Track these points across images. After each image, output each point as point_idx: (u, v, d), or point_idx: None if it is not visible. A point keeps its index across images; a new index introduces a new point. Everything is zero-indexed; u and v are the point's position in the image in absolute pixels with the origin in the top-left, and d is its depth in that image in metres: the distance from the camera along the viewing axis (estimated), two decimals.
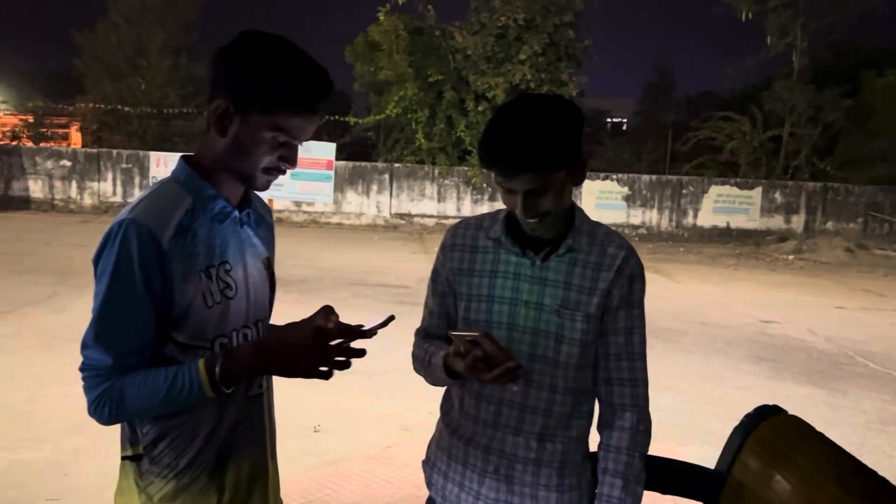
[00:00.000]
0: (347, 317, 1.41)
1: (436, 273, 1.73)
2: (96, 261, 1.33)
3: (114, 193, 19.94)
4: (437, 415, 1.71)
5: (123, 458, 1.43)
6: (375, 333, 1.33)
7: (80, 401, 4.94)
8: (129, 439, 1.41)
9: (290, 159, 1.41)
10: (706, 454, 2.37)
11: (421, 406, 4.89)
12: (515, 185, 1.47)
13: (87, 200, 19.83)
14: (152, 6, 22.55)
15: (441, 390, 1.78)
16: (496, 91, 19.12)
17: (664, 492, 1.94)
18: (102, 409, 1.31)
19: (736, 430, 1.89)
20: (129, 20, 22.57)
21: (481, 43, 19.40)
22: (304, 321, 1.41)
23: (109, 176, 19.97)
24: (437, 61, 19.82)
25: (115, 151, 20.19)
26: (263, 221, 1.58)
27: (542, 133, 1.42)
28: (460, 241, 1.68)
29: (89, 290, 1.27)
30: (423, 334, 1.76)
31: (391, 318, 1.34)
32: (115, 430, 1.28)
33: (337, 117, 20.97)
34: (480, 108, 19.42)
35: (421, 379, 1.70)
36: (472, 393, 1.63)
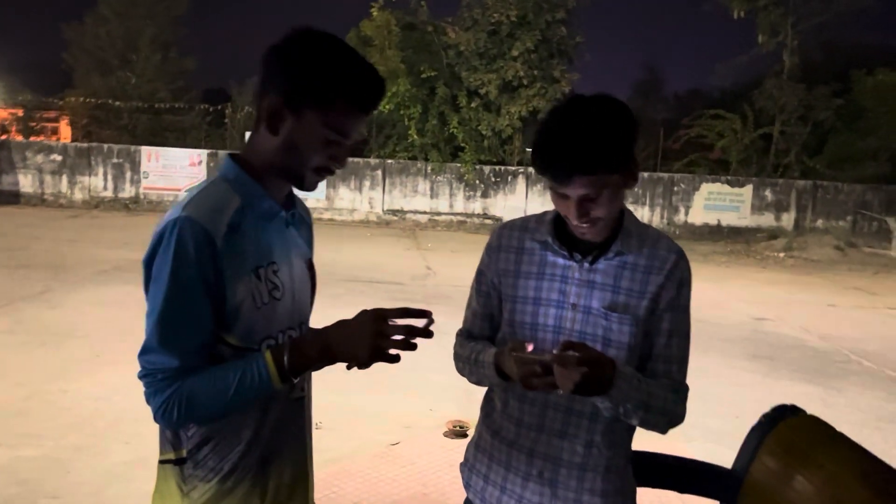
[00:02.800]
0: (344, 314, 1.41)
1: (480, 274, 1.71)
2: (149, 261, 1.31)
3: (105, 188, 19.78)
4: (437, 411, 1.69)
5: (164, 462, 1.40)
6: (431, 316, 1.33)
7: (77, 398, 4.92)
8: (170, 443, 1.39)
9: (340, 158, 1.40)
10: (710, 451, 2.38)
11: (422, 403, 4.90)
12: (570, 190, 1.45)
13: (78, 195, 19.67)
14: (142, 0, 22.41)
15: (442, 390, 1.77)
16: (489, 87, 19.12)
17: (682, 491, 1.95)
18: (171, 412, 1.29)
19: (753, 429, 1.90)
20: (119, 14, 22.44)
21: (474, 39, 19.38)
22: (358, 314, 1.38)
23: (100, 170, 19.81)
24: (429, 57, 19.78)
25: (105, 146, 20.03)
26: (304, 222, 1.58)
27: (598, 137, 1.40)
28: (506, 242, 1.67)
29: (83, 286, 1.24)
30: (465, 334, 1.75)
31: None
32: (116, 428, 1.25)
33: None
34: (473, 105, 19.41)
35: (422, 376, 1.68)
36: (516, 395, 1.62)
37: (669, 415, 1.54)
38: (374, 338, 1.29)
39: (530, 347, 1.42)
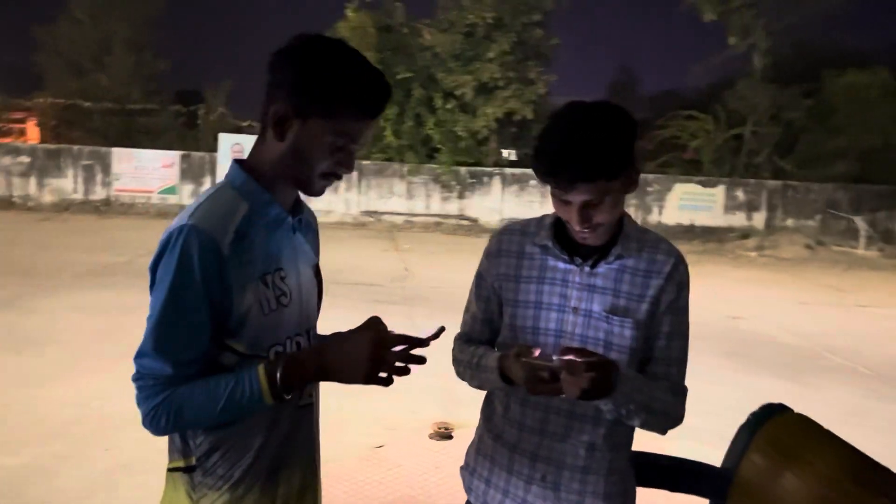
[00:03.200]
0: (326, 315, 1.43)
1: (480, 278, 1.72)
2: (154, 267, 1.31)
3: (75, 191, 19.49)
4: (421, 413, 1.69)
5: (173, 470, 1.40)
6: (429, 343, 1.35)
7: (56, 405, 4.83)
8: (179, 451, 1.38)
9: (347, 164, 1.40)
10: (690, 449, 2.43)
11: (405, 405, 4.90)
12: (573, 196, 1.46)
13: (48, 198, 19.34)
14: (116, 1, 22.08)
15: (425, 392, 1.78)
16: (465, 89, 19.18)
17: (672, 489, 1.99)
18: (159, 419, 1.29)
19: (742, 427, 1.94)
20: (92, 15, 22.07)
21: (450, 41, 19.42)
22: (359, 328, 1.39)
23: (70, 173, 19.50)
24: (405, 59, 19.78)
25: (75, 147, 19.71)
26: (311, 228, 1.58)
27: (601, 145, 1.41)
28: (506, 246, 1.67)
29: (56, 291, 1.23)
30: (465, 339, 1.76)
31: (442, 328, 1.37)
32: (99, 435, 1.25)
33: None
34: (449, 106, 19.44)
35: (404, 378, 1.68)
36: (518, 399, 1.63)
37: (670, 416, 1.57)
38: (372, 362, 1.31)
39: (537, 353, 1.43)
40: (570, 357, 1.35)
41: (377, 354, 1.31)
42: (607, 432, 1.60)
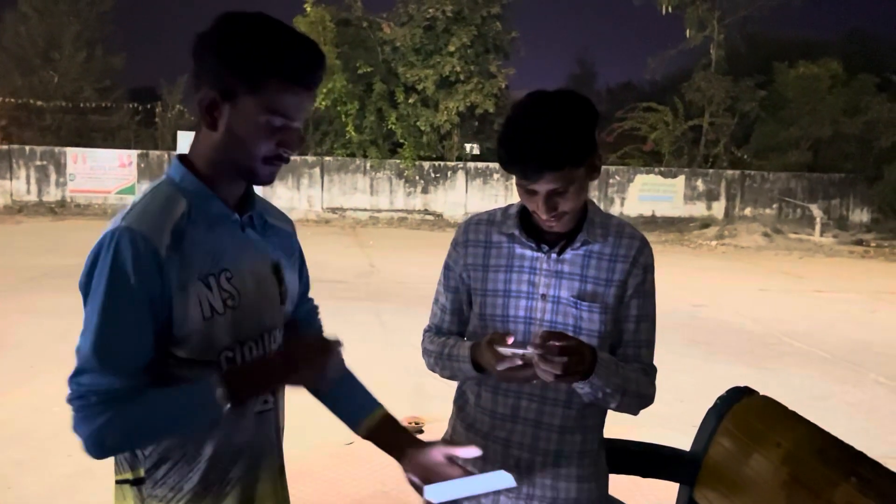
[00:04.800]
0: None
1: (448, 269, 1.72)
2: (87, 279, 1.21)
3: (28, 192, 19.02)
4: (390, 409, 1.65)
5: (121, 482, 1.32)
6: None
7: (14, 410, 4.69)
8: (127, 462, 1.30)
9: (289, 143, 1.29)
10: (659, 435, 2.47)
11: None
12: (538, 185, 1.47)
13: None
14: None
15: (394, 387, 1.77)
16: (426, 83, 19.15)
17: (644, 475, 2.01)
18: (103, 440, 1.19)
19: (710, 412, 1.97)
20: (40, 11, 21.50)
21: (409, 35, 19.38)
22: (303, 335, 1.39)
23: (22, 174, 19.03)
24: (365, 53, 19.68)
25: (27, 148, 19.24)
26: (273, 226, 1.47)
27: (565, 133, 1.43)
28: (473, 236, 1.68)
29: (10, 294, 1.17)
30: (434, 330, 1.75)
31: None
32: (58, 440, 1.20)
33: None
34: (410, 101, 19.40)
35: (373, 373, 1.66)
36: (489, 387, 1.64)
37: (643, 397, 1.60)
38: (311, 364, 1.32)
39: (510, 340, 1.43)
40: (550, 343, 1.36)
41: (329, 355, 1.33)
42: (578, 415, 1.62)
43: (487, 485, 1.40)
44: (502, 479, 1.40)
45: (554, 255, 1.59)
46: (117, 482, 1.34)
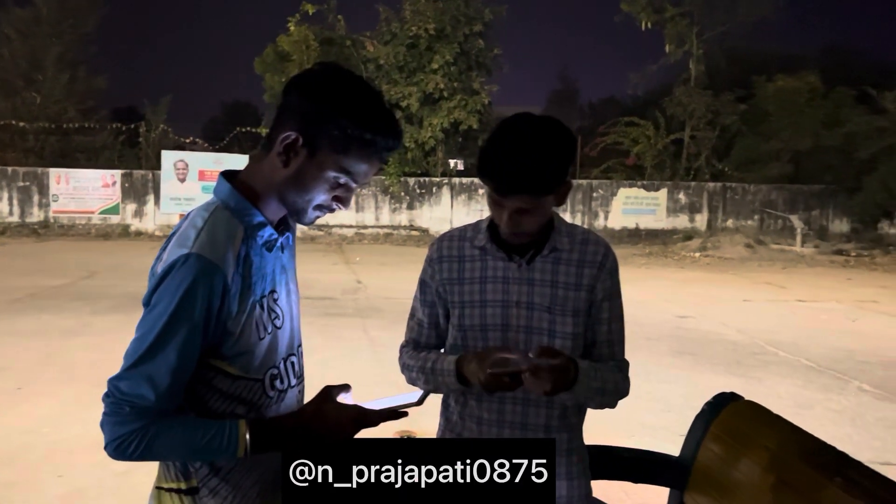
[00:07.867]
0: None
1: (424, 285, 1.78)
2: (151, 294, 1.26)
3: (10, 213, 18.88)
4: (383, 424, 1.68)
5: (171, 491, 1.36)
6: (407, 414, 1.39)
7: (4, 432, 4.66)
8: (179, 471, 1.35)
9: (344, 200, 1.39)
10: (647, 444, 2.51)
11: None
12: (508, 202, 1.55)
13: None
14: (47, 18, 21.43)
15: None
16: (410, 100, 19.24)
17: (635, 481, 2.05)
18: (127, 447, 1.23)
19: (698, 417, 2.02)
20: (23, 33, 21.38)
21: (393, 53, 19.49)
22: (336, 402, 1.36)
23: (5, 195, 18.90)
24: None
25: (10, 169, 19.11)
26: (290, 244, 1.55)
27: (541, 161, 1.50)
28: (447, 252, 1.75)
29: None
30: (412, 345, 1.81)
31: (425, 395, 1.44)
32: (50, 461, 1.21)
33: (248, 129, 20.58)
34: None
35: (363, 389, 1.71)
36: (474, 395, 1.71)
37: (620, 392, 1.69)
38: (349, 436, 1.33)
39: (513, 356, 1.48)
40: (539, 360, 1.43)
41: (355, 431, 1.33)
42: (560, 414, 1.69)
43: (395, 401, 1.45)
44: (409, 396, 1.46)
45: (524, 264, 1.67)
46: (164, 489, 1.36)
